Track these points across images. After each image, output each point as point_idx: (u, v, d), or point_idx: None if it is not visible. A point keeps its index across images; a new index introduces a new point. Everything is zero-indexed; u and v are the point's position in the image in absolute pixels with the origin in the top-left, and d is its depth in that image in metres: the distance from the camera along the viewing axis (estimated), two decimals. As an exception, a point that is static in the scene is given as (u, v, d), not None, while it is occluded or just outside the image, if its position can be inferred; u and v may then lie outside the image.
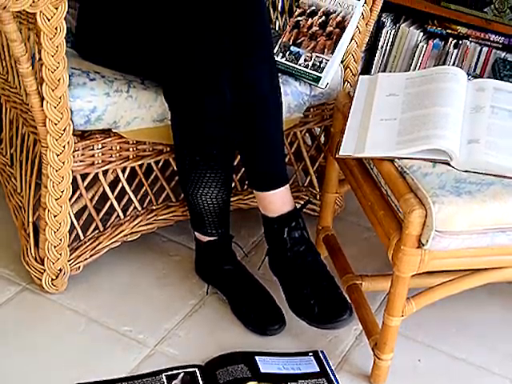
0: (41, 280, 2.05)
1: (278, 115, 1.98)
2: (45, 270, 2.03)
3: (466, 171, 1.75)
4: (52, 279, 2.05)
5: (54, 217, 1.96)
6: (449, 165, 1.76)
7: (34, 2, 1.63)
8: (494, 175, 1.74)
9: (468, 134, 1.82)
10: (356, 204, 2.00)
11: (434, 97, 1.89)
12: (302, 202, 2.10)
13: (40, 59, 1.76)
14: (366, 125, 1.87)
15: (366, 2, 2.13)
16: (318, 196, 2.37)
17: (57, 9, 1.69)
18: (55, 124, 1.83)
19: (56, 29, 1.71)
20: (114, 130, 1.98)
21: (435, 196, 1.66)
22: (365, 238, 2.39)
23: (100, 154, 2.00)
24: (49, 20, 1.69)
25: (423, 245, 1.68)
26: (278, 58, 2.09)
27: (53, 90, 1.79)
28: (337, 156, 1.88)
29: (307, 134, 2.37)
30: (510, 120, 1.87)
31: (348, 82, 2.23)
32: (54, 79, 1.77)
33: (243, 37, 1.90)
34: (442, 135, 1.77)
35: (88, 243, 2.10)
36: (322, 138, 2.37)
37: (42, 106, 1.81)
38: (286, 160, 2.11)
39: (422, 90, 1.93)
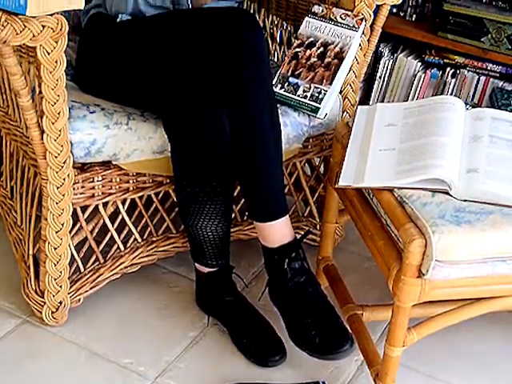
0: (41, 313, 2.04)
1: (278, 147, 1.98)
2: (45, 303, 2.03)
3: (466, 200, 1.75)
4: (52, 312, 2.05)
5: (55, 249, 1.97)
6: (448, 194, 1.76)
7: (34, 36, 1.64)
8: (494, 204, 1.74)
9: (467, 164, 1.82)
10: (356, 234, 2.00)
11: (432, 126, 1.90)
12: (302, 232, 2.10)
13: (40, 92, 1.77)
14: (364, 155, 1.88)
15: (363, 33, 2.14)
16: (318, 226, 2.37)
17: (57, 42, 1.70)
18: (55, 157, 1.84)
19: (56, 62, 1.72)
20: (113, 162, 1.98)
21: (435, 225, 1.66)
22: (365, 267, 2.38)
23: (100, 186, 2.00)
24: (49, 54, 1.70)
25: (423, 274, 1.68)
26: (276, 89, 2.10)
27: (53, 123, 1.80)
28: (336, 186, 1.88)
29: (306, 165, 2.37)
30: (509, 149, 1.88)
31: (347, 112, 2.24)
32: (54, 112, 1.78)
33: (242, 72, 1.92)
34: (441, 165, 1.78)
35: (88, 275, 2.10)
36: (322, 168, 2.37)
37: (42, 138, 1.82)
38: (286, 190, 2.12)
39: (420, 119, 1.94)
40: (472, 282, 1.74)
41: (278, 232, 1.97)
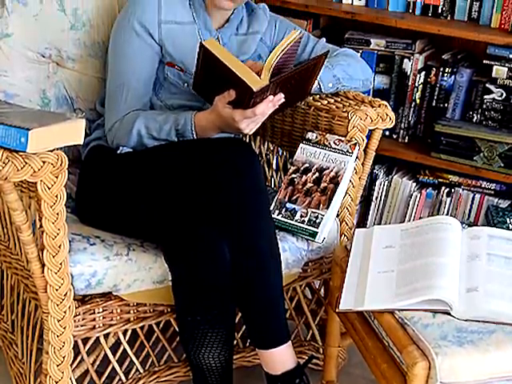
0: None
1: (278, 273, 1.99)
2: None
3: (467, 320, 1.75)
4: None
5: (56, 383, 1.94)
6: (449, 314, 1.76)
7: (34, 172, 1.67)
8: (495, 323, 1.74)
9: (466, 283, 1.83)
10: (359, 356, 1.98)
11: (430, 247, 1.91)
12: (306, 357, 2.09)
13: (41, 226, 1.79)
14: (364, 278, 1.89)
15: (357, 158, 2.18)
16: (320, 350, 2.35)
17: (57, 177, 1.73)
18: (56, 290, 1.85)
19: (56, 197, 1.75)
20: (114, 293, 1.98)
21: (438, 347, 1.66)
22: (370, 390, 2.36)
23: (101, 318, 2.00)
24: (49, 188, 1.73)
25: (429, 397, 1.66)
26: (274, 215, 2.12)
27: (53, 257, 1.81)
28: (337, 310, 1.88)
29: (307, 288, 2.37)
30: (507, 267, 1.89)
31: (344, 235, 2.26)
32: (55, 246, 1.80)
33: (241, 200, 1.95)
34: (441, 285, 1.78)
35: (90, 408, 2.08)
36: (322, 292, 2.37)
37: (42, 272, 1.83)
38: (287, 315, 2.12)
39: (417, 240, 1.96)
40: (478, 403, 1.72)
41: (280, 358, 1.96)
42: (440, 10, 2.82)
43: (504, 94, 2.79)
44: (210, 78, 2.07)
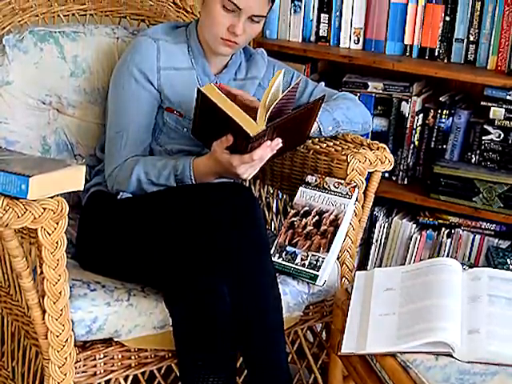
0: None
1: (279, 317, 1.99)
2: None
3: (469, 362, 1.74)
4: None
5: (57, 430, 1.93)
6: (451, 356, 1.76)
7: (35, 218, 1.68)
8: (498, 364, 1.73)
9: (468, 325, 1.82)
10: (362, 400, 1.97)
11: (430, 289, 1.91)
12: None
13: (41, 273, 1.79)
14: (365, 321, 1.89)
15: (357, 200, 2.19)
16: (323, 394, 2.34)
17: (57, 224, 1.73)
18: (57, 336, 1.84)
19: (57, 243, 1.75)
20: (115, 339, 1.98)
21: (440, 390, 1.65)
22: (374, 435, 2.33)
23: (102, 364, 1.99)
24: (50, 235, 1.74)
25: None
26: (274, 259, 2.12)
27: (54, 303, 1.81)
28: (339, 353, 1.88)
29: (308, 332, 2.37)
30: (509, 308, 1.88)
31: (345, 277, 2.26)
32: (56, 292, 1.80)
33: (241, 244, 1.96)
34: (442, 327, 1.78)
35: None
36: (324, 335, 2.36)
37: (43, 318, 1.83)
38: (289, 358, 2.11)
39: (418, 282, 1.96)
40: None
41: (282, 403, 1.95)
42: (437, 53, 2.85)
43: (502, 135, 2.81)
44: (208, 123, 2.08)
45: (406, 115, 2.90)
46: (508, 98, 2.74)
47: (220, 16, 2.13)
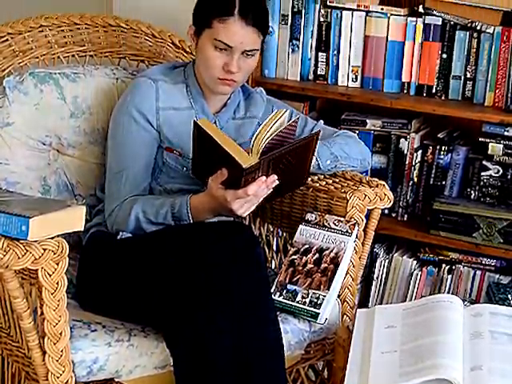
0: None
1: (280, 356, 1.98)
2: None
3: (473, 401, 1.74)
4: None
5: None
6: (454, 393, 1.75)
7: (35, 259, 1.68)
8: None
9: (470, 361, 1.82)
10: None
11: (432, 326, 1.91)
12: None
13: (42, 313, 1.79)
14: (367, 359, 1.88)
15: (357, 238, 2.19)
16: (326, 433, 2.32)
17: (58, 264, 1.74)
18: (57, 377, 1.84)
19: (57, 284, 1.76)
20: (116, 380, 1.97)
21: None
22: None
23: (102, 408, 1.98)
24: (50, 275, 1.74)
25: None
26: (275, 297, 2.12)
27: (54, 344, 1.81)
28: (341, 392, 1.87)
29: (310, 370, 2.36)
30: (511, 344, 1.88)
31: (346, 315, 2.25)
32: (56, 333, 1.80)
33: (242, 288, 1.96)
34: (445, 364, 1.77)
35: None
36: (326, 373, 2.35)
37: (44, 359, 1.82)
38: (291, 398, 2.10)
39: (419, 320, 1.95)
40: None
41: None
42: (434, 90, 2.86)
43: (501, 171, 2.82)
44: (205, 159, 2.09)
45: (405, 152, 2.91)
46: (506, 133, 2.75)
47: (213, 57, 2.15)
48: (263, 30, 2.19)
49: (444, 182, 2.91)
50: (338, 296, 2.21)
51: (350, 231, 2.17)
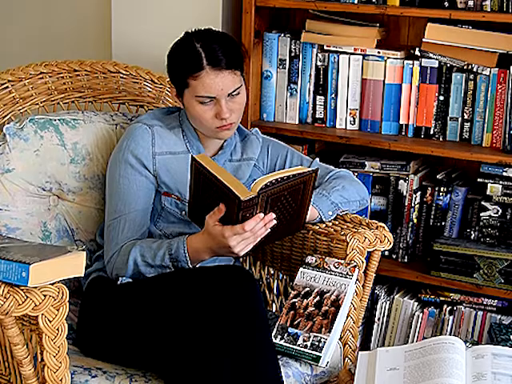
0: None
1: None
2: None
3: None
4: None
5: None
6: None
7: (36, 305, 1.68)
8: None
9: (473, 404, 1.81)
10: None
11: (434, 368, 1.90)
12: None
13: (42, 360, 1.78)
14: (369, 402, 1.87)
15: (357, 280, 2.19)
16: None
17: (58, 310, 1.74)
18: (58, 425, 1.82)
19: (58, 330, 1.75)
20: (117, 425, 1.96)
21: None
22: None
23: None
24: (50, 322, 1.74)
25: None
26: (276, 341, 2.11)
27: (55, 390, 1.80)
28: None
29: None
30: (513, 385, 1.87)
31: (348, 358, 2.24)
32: (57, 379, 1.79)
33: (243, 333, 1.95)
34: (448, 407, 1.77)
35: None
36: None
37: (44, 407, 1.82)
38: None
39: (421, 362, 1.94)
40: None
41: None
42: (432, 132, 2.88)
43: (500, 211, 2.82)
44: (202, 198, 2.07)
45: (404, 193, 2.92)
46: (504, 174, 2.76)
47: (202, 112, 2.17)
48: (238, 66, 2.20)
49: (444, 223, 2.91)
50: (340, 339, 2.21)
51: (350, 274, 2.17)
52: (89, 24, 3.28)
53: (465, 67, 2.79)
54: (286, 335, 2.13)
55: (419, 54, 2.83)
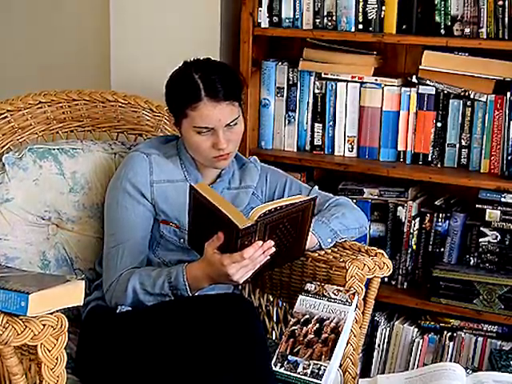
0: None
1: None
2: None
3: None
4: None
5: None
6: None
7: (35, 335, 1.68)
8: None
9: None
10: None
11: (434, 395, 1.90)
12: None
13: (41, 389, 1.78)
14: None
15: (357, 307, 2.19)
16: None
17: (57, 340, 1.73)
18: None
19: (57, 359, 1.75)
20: None
21: None
22: None
23: None
24: (50, 351, 1.73)
25: None
26: (276, 368, 2.10)
27: (54, 421, 1.79)
28: None
29: None
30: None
31: (349, 385, 2.24)
32: (56, 409, 1.78)
33: (242, 361, 1.94)
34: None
35: None
36: None
37: (42, 433, 1.80)
38: None
39: (422, 389, 1.94)
40: None
41: None
42: (430, 158, 2.89)
43: (499, 237, 2.82)
44: (201, 226, 2.08)
45: (403, 220, 2.92)
46: (503, 200, 2.76)
47: (200, 142, 2.18)
48: (237, 97, 2.21)
49: (443, 249, 2.91)
50: (340, 366, 2.20)
51: (349, 301, 2.16)
52: (88, 53, 3.30)
53: (462, 94, 2.80)
54: (285, 363, 2.13)
55: (416, 81, 2.84)
